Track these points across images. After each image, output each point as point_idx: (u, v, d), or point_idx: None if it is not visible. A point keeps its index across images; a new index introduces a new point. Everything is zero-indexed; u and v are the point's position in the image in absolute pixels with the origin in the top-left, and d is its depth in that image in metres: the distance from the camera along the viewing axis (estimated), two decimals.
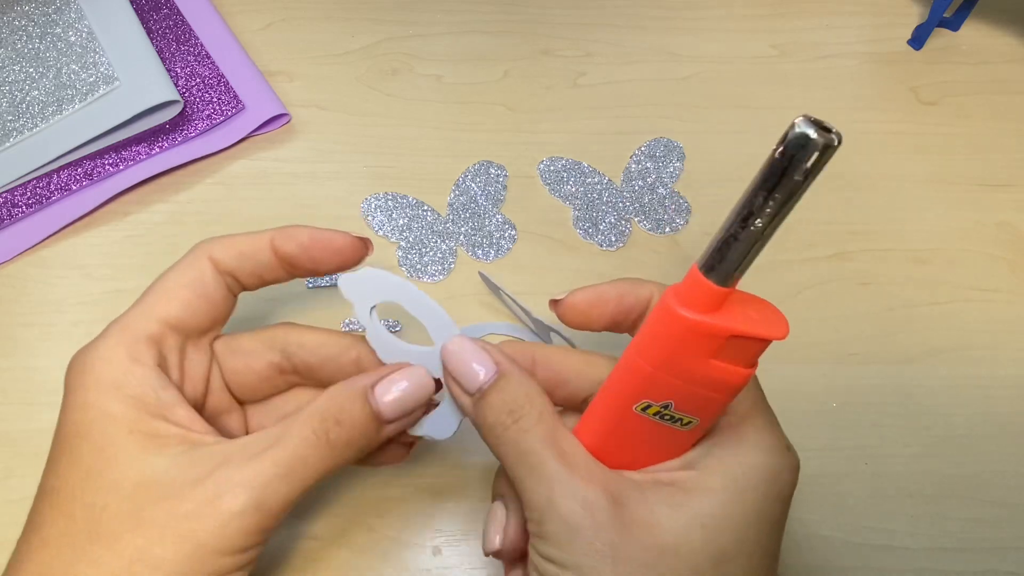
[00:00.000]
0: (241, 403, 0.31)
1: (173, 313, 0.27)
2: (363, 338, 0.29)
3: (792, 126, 0.18)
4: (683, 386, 0.23)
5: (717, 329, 0.22)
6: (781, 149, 0.19)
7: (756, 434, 0.26)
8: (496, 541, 0.28)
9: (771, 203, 0.19)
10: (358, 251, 0.29)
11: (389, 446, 0.31)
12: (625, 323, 0.29)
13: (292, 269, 0.29)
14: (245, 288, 0.30)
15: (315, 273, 0.29)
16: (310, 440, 0.25)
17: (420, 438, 0.30)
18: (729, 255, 0.20)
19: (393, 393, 0.27)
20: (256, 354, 0.30)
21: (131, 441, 0.25)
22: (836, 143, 0.18)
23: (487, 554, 0.28)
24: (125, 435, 0.25)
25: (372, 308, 0.28)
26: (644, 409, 0.24)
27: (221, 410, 0.30)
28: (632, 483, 0.25)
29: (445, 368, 0.27)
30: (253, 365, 0.30)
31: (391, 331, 0.39)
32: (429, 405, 0.29)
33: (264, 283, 0.30)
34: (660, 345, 0.23)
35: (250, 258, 0.28)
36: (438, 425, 0.29)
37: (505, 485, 0.29)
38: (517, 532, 0.28)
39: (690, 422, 0.25)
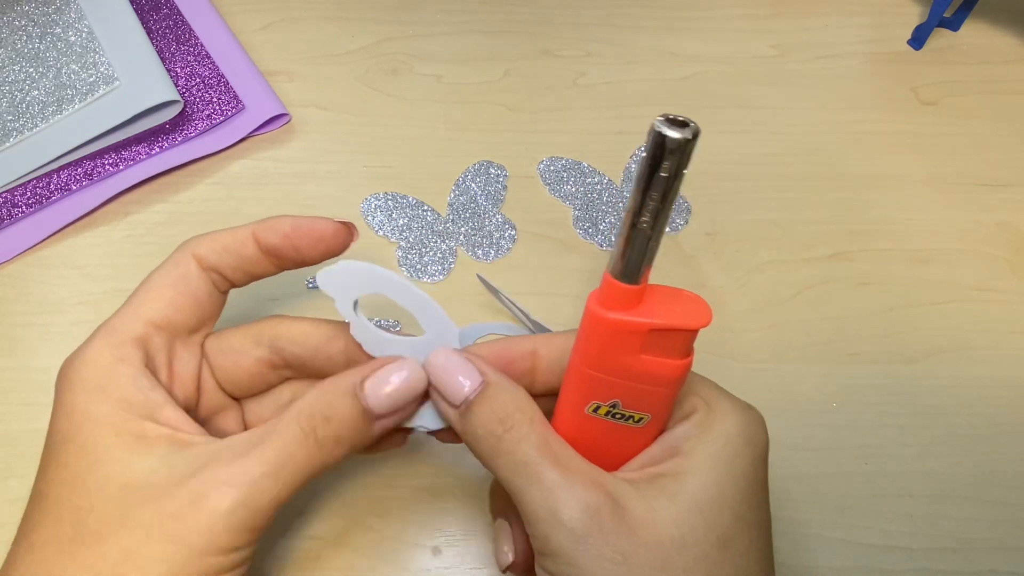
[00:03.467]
0: (237, 399, 0.31)
1: (159, 313, 0.27)
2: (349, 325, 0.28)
3: (651, 127, 0.20)
4: (624, 384, 0.24)
5: (635, 325, 0.23)
6: (645, 151, 0.20)
7: (719, 402, 0.25)
8: (509, 555, 0.27)
9: (650, 202, 0.21)
10: (343, 237, 0.28)
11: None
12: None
13: (278, 261, 0.28)
14: (234, 284, 0.29)
15: (301, 263, 0.28)
16: (298, 438, 0.25)
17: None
18: (628, 255, 0.22)
19: (384, 388, 0.26)
20: (244, 351, 0.29)
21: (117, 443, 0.24)
22: (692, 137, 0.19)
23: (504, 571, 0.28)
24: (111, 437, 0.24)
25: (355, 302, 0.27)
26: (595, 410, 0.25)
27: (216, 409, 0.30)
28: (626, 481, 0.24)
29: (430, 381, 0.26)
30: (242, 362, 0.29)
31: (391, 331, 0.39)
32: (423, 397, 0.28)
33: (252, 277, 0.29)
34: (591, 347, 0.24)
35: (234, 253, 0.28)
36: (429, 416, 0.28)
37: (503, 501, 0.28)
38: (526, 543, 0.27)
39: (642, 418, 0.25)
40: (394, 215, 0.43)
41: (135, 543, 0.23)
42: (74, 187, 0.42)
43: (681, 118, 0.20)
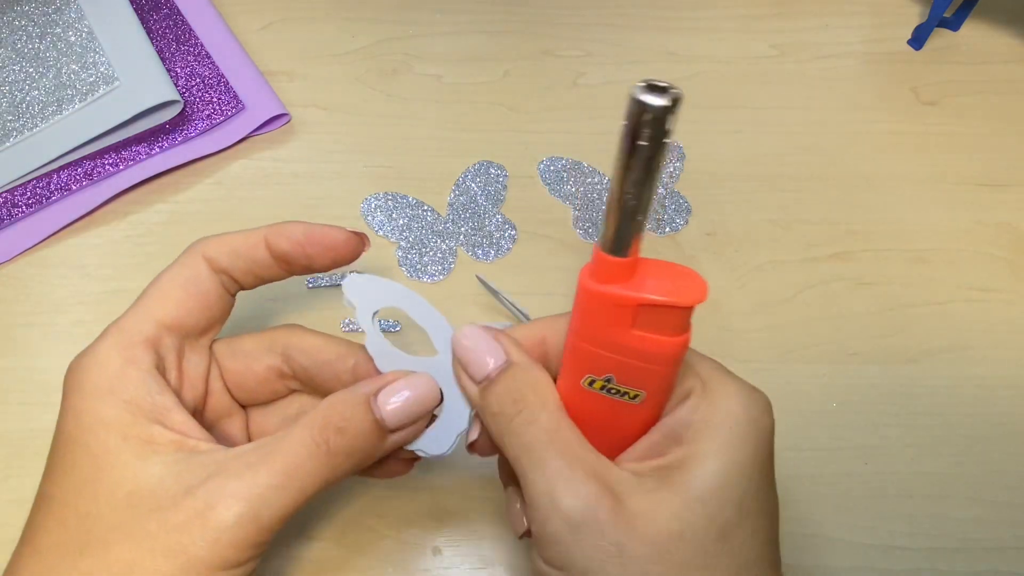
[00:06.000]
0: (244, 406, 0.31)
1: (169, 314, 0.27)
2: (361, 346, 0.28)
3: (630, 94, 0.19)
4: (616, 358, 0.24)
5: (622, 299, 0.22)
6: (624, 119, 0.19)
7: (720, 383, 0.25)
8: (524, 522, 0.27)
9: (632, 173, 0.20)
10: (355, 246, 0.28)
11: (391, 460, 0.29)
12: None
13: (288, 266, 0.28)
14: (243, 287, 0.29)
15: (311, 270, 0.29)
16: (310, 449, 0.25)
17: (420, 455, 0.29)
18: (614, 228, 0.21)
19: (397, 401, 0.26)
20: (256, 356, 0.29)
21: (125, 447, 0.24)
22: (672, 103, 0.19)
23: (520, 537, 0.28)
24: (119, 441, 0.24)
25: (374, 314, 0.27)
26: (591, 384, 0.25)
27: (222, 413, 0.30)
28: (630, 475, 0.24)
29: (455, 355, 0.26)
30: (253, 367, 0.29)
31: (390, 331, 0.39)
32: (431, 418, 0.28)
33: (261, 281, 0.29)
34: (582, 319, 0.24)
35: (244, 256, 0.28)
36: (434, 441, 0.28)
37: (510, 472, 0.28)
38: None
39: (637, 395, 0.25)
40: (394, 215, 0.43)
41: (139, 555, 0.23)
42: (74, 187, 0.42)
43: (662, 83, 0.19)
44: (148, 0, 0.50)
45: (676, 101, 0.19)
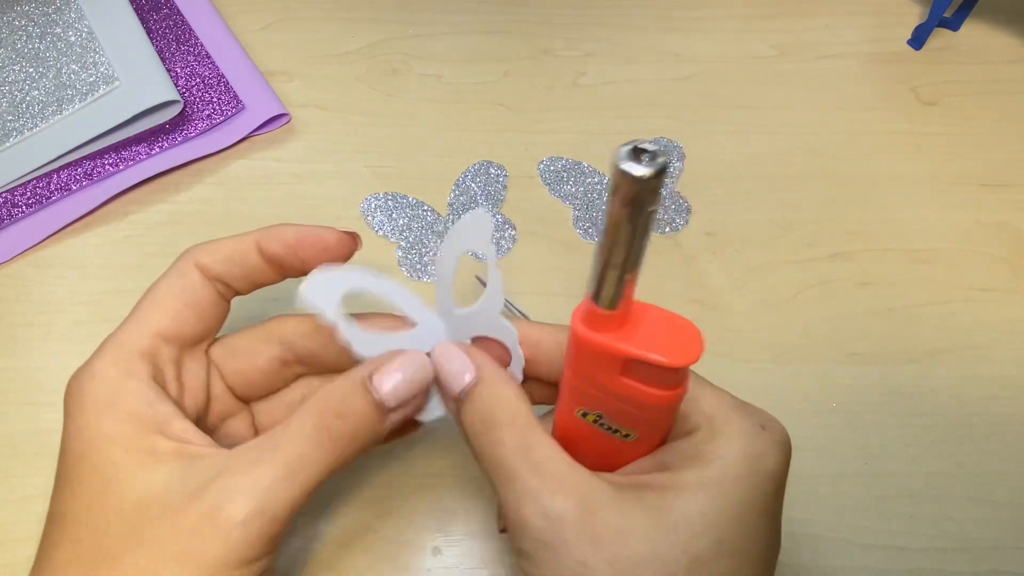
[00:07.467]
0: (247, 401, 0.31)
1: (165, 325, 0.27)
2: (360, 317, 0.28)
3: (613, 160, 0.17)
4: (606, 399, 0.24)
5: (609, 349, 0.22)
6: (609, 184, 0.18)
7: (727, 425, 0.24)
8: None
9: (618, 234, 0.19)
10: (347, 246, 0.28)
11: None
12: None
13: (281, 270, 0.28)
14: (238, 293, 0.29)
15: (305, 272, 0.28)
16: (311, 437, 0.25)
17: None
18: (600, 282, 0.21)
19: (393, 381, 0.26)
20: (257, 352, 0.29)
21: (128, 459, 0.24)
22: (656, 174, 0.17)
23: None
24: (122, 454, 0.24)
25: (337, 307, 0.27)
26: (584, 415, 0.25)
27: (226, 414, 0.30)
28: (607, 487, 0.24)
29: (436, 374, 0.27)
30: (256, 363, 0.29)
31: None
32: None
33: (256, 286, 0.29)
34: (573, 359, 0.23)
35: (237, 263, 0.28)
36: (432, 407, 0.28)
37: None
38: None
39: (628, 435, 0.24)
40: (394, 215, 0.43)
41: (152, 561, 0.23)
42: (74, 187, 0.42)
43: (649, 146, 0.17)
44: (148, 0, 0.50)
45: (660, 172, 0.17)
